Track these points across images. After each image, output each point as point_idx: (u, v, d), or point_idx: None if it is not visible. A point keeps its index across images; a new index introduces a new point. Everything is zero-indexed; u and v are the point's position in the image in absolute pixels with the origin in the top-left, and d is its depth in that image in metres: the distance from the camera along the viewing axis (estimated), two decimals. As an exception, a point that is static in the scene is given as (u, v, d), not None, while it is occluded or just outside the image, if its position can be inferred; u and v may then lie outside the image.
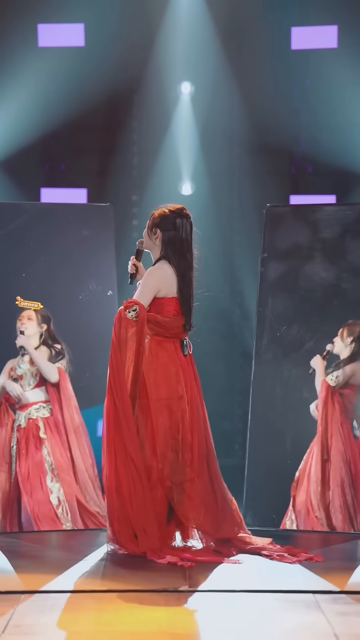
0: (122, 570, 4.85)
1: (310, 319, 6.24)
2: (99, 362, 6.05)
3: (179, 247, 5.36)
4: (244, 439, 8.58)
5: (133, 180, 9.31)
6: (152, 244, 5.40)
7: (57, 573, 4.72)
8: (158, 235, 5.37)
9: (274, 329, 6.28)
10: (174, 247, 5.35)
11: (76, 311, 6.22)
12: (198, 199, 9.28)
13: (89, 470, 6.07)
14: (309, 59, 8.95)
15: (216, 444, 5.57)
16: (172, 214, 5.38)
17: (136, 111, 9.27)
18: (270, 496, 6.13)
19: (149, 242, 5.42)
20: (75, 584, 4.53)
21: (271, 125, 8.99)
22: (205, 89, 9.11)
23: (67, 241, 6.28)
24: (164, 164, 9.23)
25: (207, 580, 4.63)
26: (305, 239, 6.32)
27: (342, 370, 6.10)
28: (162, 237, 5.36)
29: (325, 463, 6.03)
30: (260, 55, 9.01)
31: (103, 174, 9.23)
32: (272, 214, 6.40)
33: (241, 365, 9.33)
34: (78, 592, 4.39)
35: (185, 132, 9.22)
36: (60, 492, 5.96)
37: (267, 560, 5.07)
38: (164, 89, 9.14)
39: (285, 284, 6.33)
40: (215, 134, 9.22)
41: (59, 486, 5.96)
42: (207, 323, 9.47)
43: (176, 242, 5.35)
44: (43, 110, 8.80)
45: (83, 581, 4.62)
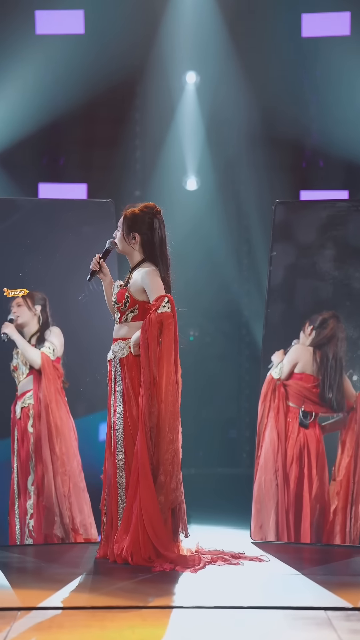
0: (122, 585, 4.84)
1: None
2: (99, 366, 6.04)
3: (159, 247, 5.46)
4: (252, 448, 8.58)
5: (135, 174, 9.30)
6: (131, 248, 5.50)
7: (54, 588, 4.71)
8: (137, 240, 5.45)
9: (283, 330, 6.27)
10: (154, 248, 5.46)
11: (75, 313, 6.22)
12: (203, 195, 9.28)
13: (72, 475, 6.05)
14: (321, 47, 8.94)
15: (223, 452, 5.57)
16: (146, 215, 5.48)
17: (139, 102, 9.26)
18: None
19: (127, 247, 5.51)
20: (74, 600, 4.52)
21: (280, 117, 8.98)
22: (211, 79, 9.10)
23: (66, 239, 6.28)
24: (167, 158, 9.23)
25: (211, 596, 4.61)
26: (317, 236, 6.31)
27: (285, 360, 6.18)
28: (140, 241, 5.44)
29: (257, 459, 6.16)
30: (269, 43, 9.00)
31: (104, 168, 9.23)
32: (282, 210, 6.38)
33: (248, 369, 9.31)
34: (77, 609, 4.38)
35: (190, 124, 9.21)
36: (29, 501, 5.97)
37: (272, 574, 5.06)
38: (168, 78, 9.13)
39: (295, 283, 6.32)
40: (222, 126, 9.22)
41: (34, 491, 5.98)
42: (213, 324, 9.47)
43: (156, 243, 5.45)
44: (41, 101, 8.80)
45: (82, 597, 4.61)
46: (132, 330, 5.42)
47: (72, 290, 6.20)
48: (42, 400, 6.04)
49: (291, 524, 6.04)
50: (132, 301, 5.41)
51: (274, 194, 8.43)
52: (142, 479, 5.22)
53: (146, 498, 5.20)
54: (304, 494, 6.04)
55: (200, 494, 5.84)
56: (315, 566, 5.42)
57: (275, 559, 5.50)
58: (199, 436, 8.84)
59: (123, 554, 5.22)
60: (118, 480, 5.37)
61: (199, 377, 9.13)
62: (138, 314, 5.42)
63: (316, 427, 6.11)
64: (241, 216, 9.34)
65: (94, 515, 6.05)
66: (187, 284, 8.89)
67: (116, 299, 5.45)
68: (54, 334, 6.17)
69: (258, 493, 6.10)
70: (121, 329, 5.47)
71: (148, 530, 5.19)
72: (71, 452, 6.07)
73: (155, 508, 5.21)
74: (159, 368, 5.28)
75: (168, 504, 5.26)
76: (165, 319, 5.30)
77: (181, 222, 8.88)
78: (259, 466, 6.12)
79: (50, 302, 6.19)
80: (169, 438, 5.27)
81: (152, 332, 5.29)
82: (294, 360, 6.17)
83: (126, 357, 5.41)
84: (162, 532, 5.22)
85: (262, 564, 5.37)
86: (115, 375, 5.45)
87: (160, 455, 5.25)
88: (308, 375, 6.15)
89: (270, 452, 6.11)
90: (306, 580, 4.95)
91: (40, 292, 6.17)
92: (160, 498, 5.24)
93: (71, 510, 6.01)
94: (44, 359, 6.10)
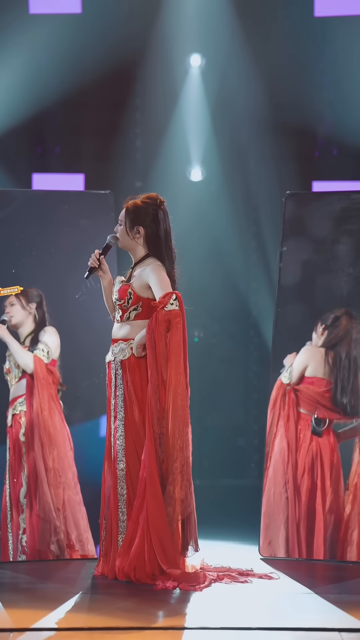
0: (122, 604, 4.83)
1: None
2: (97, 368, 6.03)
3: (165, 240, 5.46)
4: (261, 457, 8.57)
5: (136, 164, 9.30)
6: (135, 243, 5.47)
7: (49, 608, 4.70)
8: (141, 234, 5.44)
9: (294, 331, 6.26)
10: (159, 242, 5.46)
11: (72, 312, 6.21)
12: (209, 186, 9.27)
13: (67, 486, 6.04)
14: (334, 27, 8.92)
15: (230, 461, 5.57)
16: (150, 206, 5.47)
17: (139, 87, 9.26)
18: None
19: (131, 242, 5.49)
20: (70, 621, 4.51)
21: (291, 103, 8.98)
22: (217, 62, 9.09)
23: (62, 233, 6.27)
24: (170, 147, 9.22)
25: (217, 616, 4.60)
26: (330, 230, 6.30)
27: (294, 363, 6.17)
28: (145, 234, 5.43)
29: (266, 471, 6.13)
30: (279, 23, 8.99)
31: (102, 158, 9.23)
32: (293, 202, 6.38)
33: (257, 372, 9.31)
34: (74, 630, 4.37)
35: (194, 110, 9.21)
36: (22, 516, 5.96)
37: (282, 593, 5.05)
38: (171, 61, 9.12)
39: (307, 280, 6.31)
40: (229, 112, 9.21)
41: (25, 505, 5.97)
42: (219, 325, 9.47)
43: (161, 236, 5.45)
44: (35, 86, 8.79)
45: (79, 617, 4.60)
46: (134, 330, 5.40)
47: (69, 288, 6.20)
48: (35, 408, 6.02)
49: (303, 539, 6.02)
50: (135, 298, 5.39)
51: (284, 185, 8.42)
52: (149, 488, 5.20)
53: (154, 509, 5.18)
54: (317, 506, 6.03)
55: (205, 506, 5.83)
56: (329, 584, 5.41)
57: (285, 577, 5.49)
58: (203, 445, 8.83)
59: (125, 569, 5.20)
60: (118, 491, 5.35)
61: (204, 381, 9.12)
62: (141, 312, 5.40)
63: (330, 435, 6.10)
64: (249, 209, 9.33)
65: (92, 529, 6.03)
66: (191, 281, 8.88)
67: (118, 296, 5.43)
68: (48, 334, 6.13)
69: (267, 507, 6.08)
70: (122, 328, 5.44)
71: (154, 544, 5.17)
72: (66, 463, 6.05)
73: (163, 520, 5.19)
74: (167, 369, 5.26)
75: (177, 516, 5.24)
76: (173, 317, 5.28)
77: (185, 215, 8.87)
78: (267, 478, 6.10)
79: (45, 299, 6.17)
80: (178, 445, 5.25)
81: (159, 331, 5.26)
82: (304, 363, 6.15)
83: (128, 359, 5.39)
84: (169, 547, 5.20)
85: (271, 581, 5.35)
86: (115, 378, 5.43)
87: (169, 463, 5.24)
88: (320, 378, 6.13)
89: (280, 462, 6.09)
90: (319, 599, 4.94)
91: (36, 289, 6.15)
92: (169, 509, 5.22)
93: (66, 525, 5.99)
94: (37, 363, 6.07)
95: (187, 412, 5.31)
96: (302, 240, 6.36)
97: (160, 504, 5.19)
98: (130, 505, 5.31)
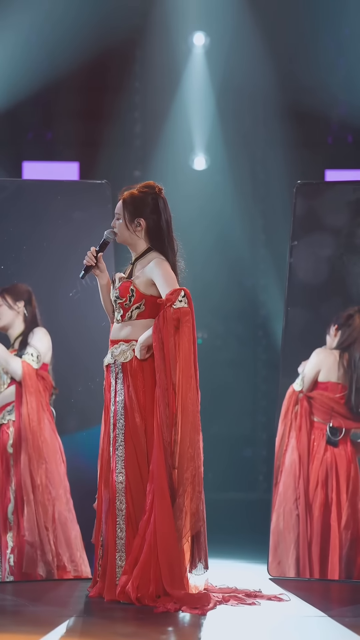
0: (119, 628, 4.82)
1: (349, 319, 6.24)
2: (93, 372, 6.03)
3: (167, 232, 5.46)
4: (269, 469, 8.56)
5: (135, 152, 9.31)
6: (136, 237, 5.47)
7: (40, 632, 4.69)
8: (143, 226, 5.44)
9: (306, 332, 6.25)
10: (161, 233, 5.45)
11: (66, 311, 6.21)
12: (213, 175, 9.28)
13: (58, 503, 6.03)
14: (349, 1, 8.92)
15: (236, 474, 5.56)
16: (148, 195, 5.45)
17: (139, 68, 9.27)
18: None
19: (131, 236, 5.48)
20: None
21: (303, 85, 8.99)
22: (222, 41, 9.10)
23: (54, 226, 6.27)
24: (172, 133, 9.23)
25: None
26: (345, 222, 6.31)
27: (306, 368, 6.17)
28: (146, 227, 5.44)
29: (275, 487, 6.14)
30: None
31: (98, 145, 9.24)
32: (304, 193, 6.38)
33: (265, 377, 9.32)
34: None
35: (198, 93, 9.22)
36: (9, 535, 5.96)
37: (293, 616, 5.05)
38: (173, 40, 9.14)
39: (320, 277, 6.31)
40: (235, 95, 9.22)
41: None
42: (224, 325, 9.47)
43: (162, 227, 5.45)
44: (24, 67, 8.80)
45: (73, 642, 4.60)
46: (136, 330, 5.38)
47: (63, 286, 6.20)
48: (24, 418, 5.99)
49: (316, 558, 6.02)
50: (138, 295, 5.38)
51: (295, 175, 8.41)
52: (158, 501, 5.18)
53: (162, 523, 5.16)
54: (332, 522, 6.02)
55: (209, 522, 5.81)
56: (344, 606, 5.40)
57: (297, 598, 5.48)
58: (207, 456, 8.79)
59: (128, 588, 5.17)
60: (117, 506, 5.33)
61: (208, 386, 9.11)
62: (145, 311, 5.38)
63: (347, 444, 6.08)
64: (257, 200, 9.35)
65: (87, 548, 6.01)
66: (195, 278, 8.88)
67: (119, 294, 5.41)
68: (37, 336, 6.11)
69: (276, 525, 6.07)
70: (123, 328, 5.42)
71: (161, 562, 5.14)
72: (57, 477, 6.03)
73: (172, 535, 5.17)
74: (176, 371, 5.24)
75: (187, 531, 5.22)
76: (182, 316, 5.27)
77: (187, 207, 8.88)
78: (277, 494, 6.09)
79: (37, 297, 6.15)
80: (189, 454, 5.24)
81: (167, 331, 5.24)
82: (315, 367, 6.15)
83: (129, 362, 5.37)
84: (176, 565, 5.17)
85: (281, 604, 5.34)
86: (116, 383, 5.40)
87: (180, 474, 5.22)
88: (334, 383, 6.12)
89: (291, 477, 6.08)
90: (333, 623, 4.94)
91: (23, 284, 6.13)
92: (179, 523, 5.20)
93: (56, 546, 5.97)
94: (26, 369, 6.04)
95: (198, 418, 5.30)
96: (314, 234, 6.37)
97: (169, 518, 5.17)
98: (129, 521, 5.29)
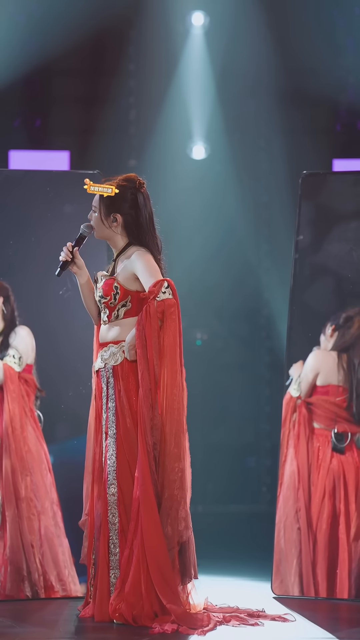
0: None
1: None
2: (84, 377, 6.02)
3: (148, 228, 5.46)
4: (274, 480, 8.55)
5: (129, 140, 9.31)
6: (112, 232, 5.47)
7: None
8: (119, 222, 5.44)
9: (311, 333, 6.25)
10: (140, 230, 5.46)
11: (55, 311, 6.21)
12: (213, 165, 9.27)
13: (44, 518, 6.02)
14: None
15: (238, 485, 5.55)
16: (127, 190, 5.45)
17: (133, 50, 9.27)
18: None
19: (107, 232, 5.48)
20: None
21: (309, 68, 8.99)
22: (222, 21, 9.10)
23: (43, 219, 6.27)
24: (169, 119, 9.23)
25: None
26: (354, 215, 6.30)
27: (303, 372, 6.18)
28: (123, 222, 5.43)
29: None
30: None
31: (90, 132, 9.24)
32: (310, 183, 6.38)
33: (269, 381, 9.32)
34: None
35: (197, 77, 9.22)
36: None
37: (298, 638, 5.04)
38: (170, 20, 9.13)
39: (326, 274, 6.31)
40: (236, 79, 9.22)
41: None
42: (225, 326, 9.46)
43: (142, 223, 5.46)
44: (11, 49, 8.79)
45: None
46: (125, 330, 5.38)
47: (51, 283, 6.19)
48: (5, 426, 5.97)
49: (322, 575, 6.01)
50: (122, 292, 5.38)
51: (301, 164, 8.40)
52: (144, 507, 5.17)
53: (150, 531, 5.15)
54: (340, 535, 6.01)
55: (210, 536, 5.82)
56: (355, 627, 5.40)
57: (302, 619, 5.48)
58: (208, 465, 8.83)
59: (121, 607, 5.15)
60: (109, 519, 5.32)
61: (208, 391, 9.12)
62: (131, 308, 5.38)
63: (354, 451, 6.08)
64: (260, 192, 9.35)
65: (76, 565, 6.00)
66: (193, 276, 8.88)
67: (102, 292, 5.41)
68: (19, 337, 6.10)
69: (278, 540, 6.07)
70: (111, 329, 5.42)
71: (152, 572, 5.13)
72: (42, 489, 6.01)
73: (161, 543, 5.16)
74: (160, 368, 5.23)
75: (176, 537, 5.21)
76: (167, 308, 5.27)
77: (185, 199, 8.88)
78: (278, 507, 6.09)
79: (24, 298, 6.15)
80: (174, 454, 5.23)
81: (150, 325, 5.24)
82: (314, 370, 6.15)
83: (120, 365, 5.37)
84: (168, 575, 5.16)
85: (286, 624, 5.34)
86: (107, 388, 5.40)
87: (165, 476, 5.21)
88: (335, 386, 6.13)
89: (291, 489, 6.07)
90: None
91: (1, 281, 6.12)
92: (167, 529, 5.19)
93: (42, 564, 5.95)
94: (7, 372, 6.03)
95: (183, 417, 5.30)
96: (321, 228, 6.36)
97: (157, 525, 5.16)
98: (123, 535, 5.29)
